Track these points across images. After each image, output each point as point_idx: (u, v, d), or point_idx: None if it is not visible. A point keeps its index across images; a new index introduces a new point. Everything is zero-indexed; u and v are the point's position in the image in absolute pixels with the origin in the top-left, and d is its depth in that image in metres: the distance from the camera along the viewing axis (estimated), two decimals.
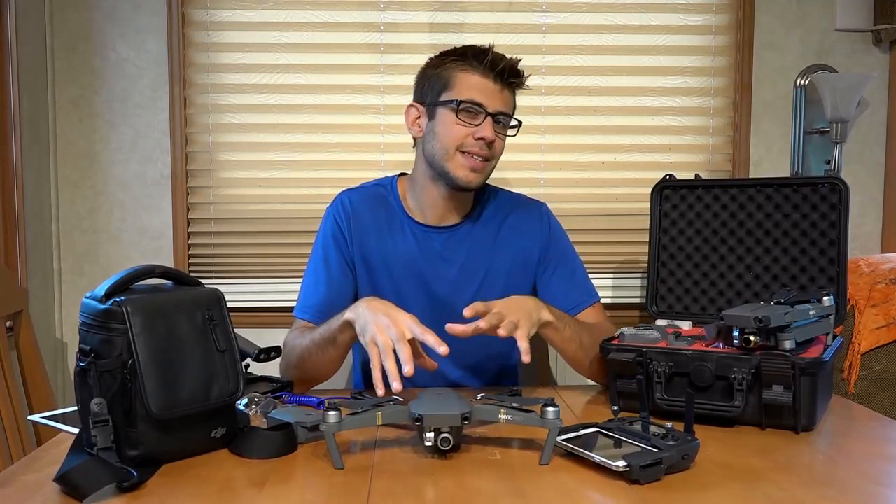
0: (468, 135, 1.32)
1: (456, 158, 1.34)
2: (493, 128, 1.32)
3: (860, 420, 1.18)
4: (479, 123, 1.32)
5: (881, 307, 1.73)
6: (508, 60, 1.33)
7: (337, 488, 0.87)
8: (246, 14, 2.00)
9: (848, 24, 2.06)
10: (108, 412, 0.88)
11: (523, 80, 1.37)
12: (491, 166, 1.38)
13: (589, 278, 1.49)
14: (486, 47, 1.34)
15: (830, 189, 1.40)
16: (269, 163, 2.04)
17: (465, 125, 1.32)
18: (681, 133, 2.08)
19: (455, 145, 1.33)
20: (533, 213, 1.50)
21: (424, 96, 1.39)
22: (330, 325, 1.24)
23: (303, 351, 1.30)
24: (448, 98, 1.34)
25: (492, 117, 1.32)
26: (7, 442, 1.46)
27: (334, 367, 1.33)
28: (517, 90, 1.39)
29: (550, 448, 0.94)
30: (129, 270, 0.96)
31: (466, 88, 1.33)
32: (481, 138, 1.31)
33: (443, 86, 1.35)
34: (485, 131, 1.31)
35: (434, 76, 1.37)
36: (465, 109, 1.32)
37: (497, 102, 1.33)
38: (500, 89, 1.33)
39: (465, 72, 1.33)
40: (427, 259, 1.42)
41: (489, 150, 1.34)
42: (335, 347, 1.25)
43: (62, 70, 1.99)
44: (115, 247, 2.04)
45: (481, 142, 1.32)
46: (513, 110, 1.39)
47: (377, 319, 1.11)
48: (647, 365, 1.15)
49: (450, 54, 1.37)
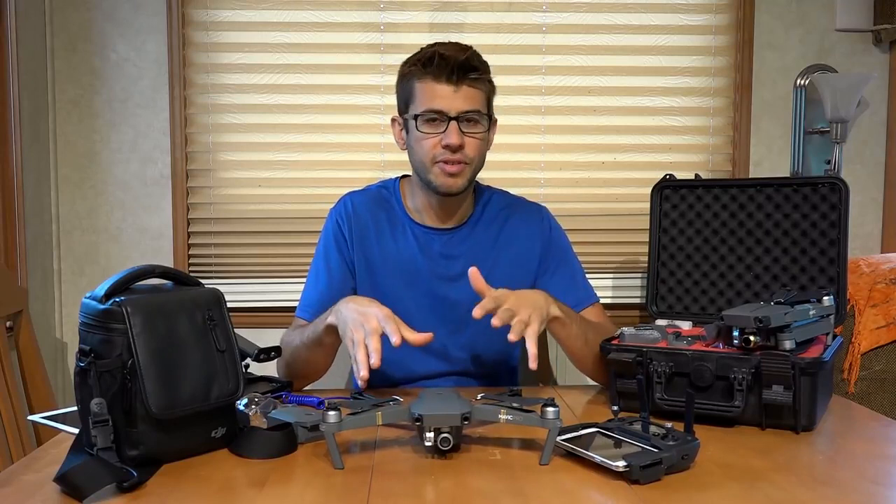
0: (436, 144, 1.31)
1: (433, 169, 1.34)
2: (462, 129, 1.30)
3: (860, 420, 1.18)
4: (444, 130, 1.31)
5: (881, 307, 1.73)
6: (458, 58, 1.29)
7: (337, 488, 0.87)
8: (246, 14, 2.00)
9: (848, 24, 2.06)
10: (108, 412, 0.88)
11: (482, 72, 1.32)
12: (471, 168, 1.35)
13: (588, 281, 1.49)
14: (434, 51, 1.31)
15: (830, 189, 1.40)
16: (269, 163, 2.04)
17: (431, 136, 1.32)
18: (681, 133, 2.08)
19: (429, 158, 1.33)
20: (533, 215, 1.50)
21: (400, 108, 1.39)
22: (316, 328, 1.26)
23: (294, 350, 1.33)
24: (412, 111, 1.34)
25: (456, 121, 1.30)
26: (7, 442, 1.46)
27: (323, 366, 1.35)
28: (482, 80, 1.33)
29: (550, 448, 0.94)
30: (129, 270, 0.96)
31: (424, 98, 1.31)
32: (447, 146, 1.30)
33: (407, 98, 1.36)
34: (449, 138, 1.30)
35: (401, 88, 1.37)
36: (427, 120, 1.32)
37: (458, 103, 1.30)
38: (457, 89, 1.30)
39: (421, 81, 1.32)
40: (428, 260, 1.42)
41: (461, 154, 1.31)
42: (322, 349, 1.28)
43: (62, 70, 1.99)
44: (115, 247, 2.04)
45: (448, 149, 1.30)
46: (485, 103, 1.35)
47: (352, 318, 1.16)
48: (647, 365, 1.15)
49: (409, 62, 1.36)
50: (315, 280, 1.44)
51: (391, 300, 1.38)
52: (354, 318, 1.15)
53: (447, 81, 1.30)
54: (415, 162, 1.37)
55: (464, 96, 1.31)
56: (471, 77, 1.31)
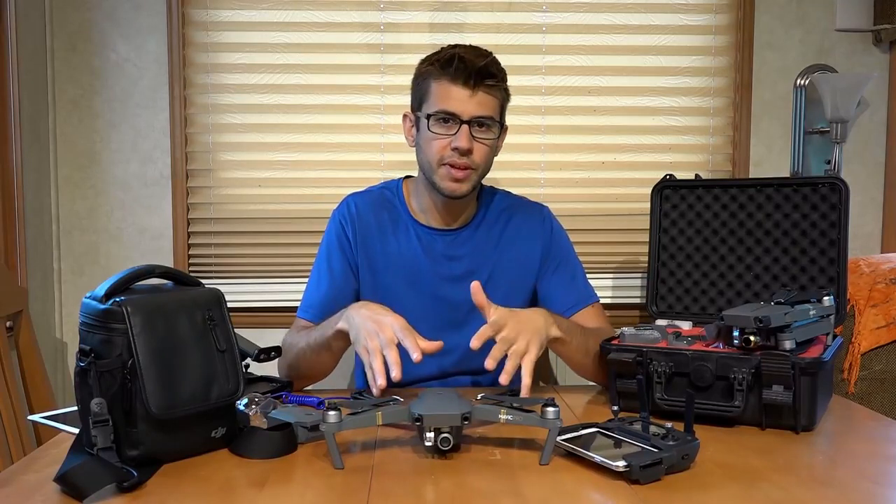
0: (446, 146, 1.31)
1: (440, 171, 1.33)
2: (473, 133, 1.31)
3: (860, 420, 1.18)
4: (455, 133, 1.30)
5: (881, 307, 1.73)
6: (476, 63, 1.29)
7: (337, 488, 0.87)
8: (246, 14, 2.00)
9: (848, 24, 2.06)
10: (108, 412, 0.88)
11: (499, 79, 1.33)
12: (477, 173, 1.35)
13: (588, 282, 1.49)
14: (454, 53, 1.31)
15: (830, 189, 1.40)
16: (269, 163, 2.04)
17: (442, 137, 1.32)
18: (681, 133, 2.08)
19: (437, 159, 1.33)
20: (535, 216, 1.50)
21: (413, 105, 1.39)
22: (324, 332, 1.26)
23: (299, 352, 1.32)
24: (426, 110, 1.34)
25: (468, 125, 1.30)
26: (7, 442, 1.46)
27: (329, 368, 1.35)
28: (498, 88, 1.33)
29: (550, 448, 0.94)
30: (129, 270, 0.96)
31: (439, 99, 1.31)
32: (456, 148, 1.30)
33: (422, 97, 1.35)
34: (459, 141, 1.30)
35: (416, 86, 1.37)
36: (439, 120, 1.32)
37: (472, 108, 1.30)
38: (473, 94, 1.30)
39: (437, 81, 1.32)
40: (431, 261, 1.43)
41: (468, 159, 1.31)
42: (330, 353, 1.28)
43: (62, 70, 1.99)
44: (115, 247, 2.04)
45: (457, 151, 1.30)
46: (499, 111, 1.35)
47: (366, 326, 1.15)
48: (647, 365, 1.15)
49: (427, 60, 1.36)
50: (317, 281, 1.44)
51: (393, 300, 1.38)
52: (369, 326, 1.14)
53: (464, 85, 1.29)
54: (422, 161, 1.37)
55: (478, 101, 1.30)
56: (487, 83, 1.30)
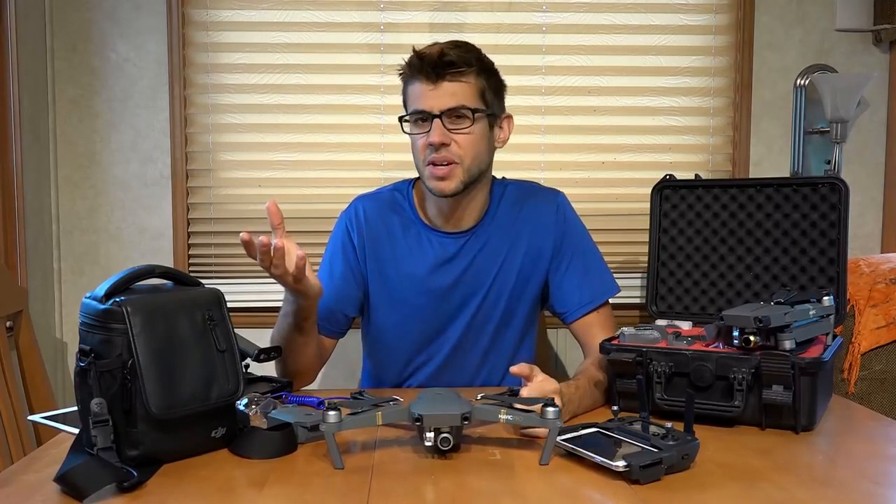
0: (425, 145, 1.30)
1: (426, 172, 1.32)
2: (448, 126, 1.28)
3: (860, 420, 1.18)
4: (429, 130, 1.29)
5: (881, 307, 1.73)
6: (432, 55, 1.27)
7: (337, 488, 0.87)
8: (246, 14, 2.00)
9: (848, 24, 2.06)
10: (108, 412, 0.88)
11: (465, 65, 1.28)
12: (462, 168, 1.30)
13: (606, 270, 1.45)
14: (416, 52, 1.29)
15: (830, 189, 1.40)
16: (269, 163, 2.04)
17: (419, 136, 1.31)
18: (681, 133, 2.08)
19: (421, 159, 1.32)
20: (548, 205, 1.44)
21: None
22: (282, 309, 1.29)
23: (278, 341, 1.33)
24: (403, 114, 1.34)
25: (440, 118, 1.28)
26: (7, 442, 1.46)
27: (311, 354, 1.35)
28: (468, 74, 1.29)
29: (550, 448, 0.94)
30: (129, 270, 0.96)
31: (411, 100, 1.32)
32: (430, 144, 1.28)
33: (404, 103, 1.36)
34: (431, 136, 1.28)
35: (402, 94, 1.37)
36: (416, 121, 1.31)
37: (439, 101, 1.27)
38: (436, 87, 1.27)
39: (409, 83, 1.32)
40: (442, 264, 1.40)
41: (448, 153, 1.28)
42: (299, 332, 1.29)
43: (62, 70, 1.99)
44: (115, 247, 2.04)
45: (431, 148, 1.29)
46: (476, 98, 1.30)
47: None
48: (647, 365, 1.15)
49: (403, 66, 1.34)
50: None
51: (405, 305, 1.38)
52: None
53: (426, 80, 1.28)
54: (415, 165, 1.36)
55: (444, 93, 1.27)
56: (451, 72, 1.27)
